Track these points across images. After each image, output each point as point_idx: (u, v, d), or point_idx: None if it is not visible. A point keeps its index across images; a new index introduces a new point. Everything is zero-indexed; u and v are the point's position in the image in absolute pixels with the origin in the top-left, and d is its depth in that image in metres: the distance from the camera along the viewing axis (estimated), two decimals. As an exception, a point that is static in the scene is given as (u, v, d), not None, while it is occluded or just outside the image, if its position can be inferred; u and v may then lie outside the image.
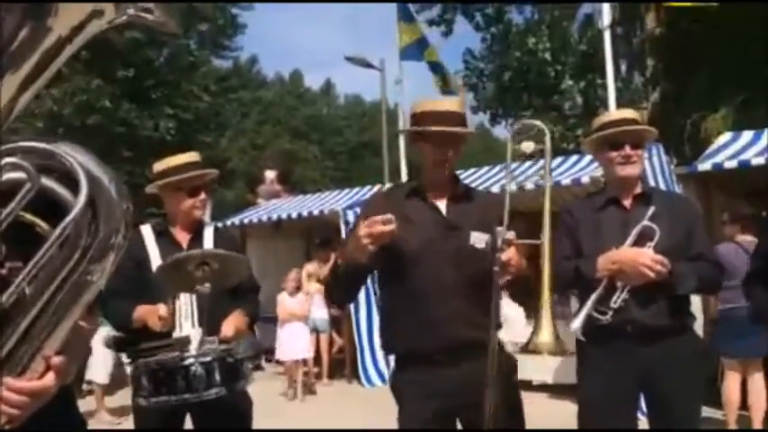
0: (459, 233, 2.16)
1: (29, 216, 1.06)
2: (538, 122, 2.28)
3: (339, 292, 2.34)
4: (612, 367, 2.31)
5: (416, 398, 2.13)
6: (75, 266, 1.05)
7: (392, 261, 2.14)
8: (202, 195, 2.76)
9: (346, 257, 2.10)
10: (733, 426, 4.69)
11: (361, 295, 7.00)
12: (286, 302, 7.48)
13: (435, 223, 2.19)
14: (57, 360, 1.13)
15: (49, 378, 1.13)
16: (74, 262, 1.05)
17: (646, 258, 2.23)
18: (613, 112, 2.68)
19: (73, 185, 1.03)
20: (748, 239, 4.77)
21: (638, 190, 2.48)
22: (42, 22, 0.94)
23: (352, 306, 7.20)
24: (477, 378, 2.00)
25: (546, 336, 1.99)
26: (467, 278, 2.11)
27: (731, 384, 4.71)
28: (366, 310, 7.48)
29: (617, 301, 2.28)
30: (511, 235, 2.01)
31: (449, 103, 2.28)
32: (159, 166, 2.81)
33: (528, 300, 6.76)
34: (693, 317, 2.49)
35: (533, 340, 2.00)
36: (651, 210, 2.35)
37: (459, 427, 2.21)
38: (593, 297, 2.29)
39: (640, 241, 2.32)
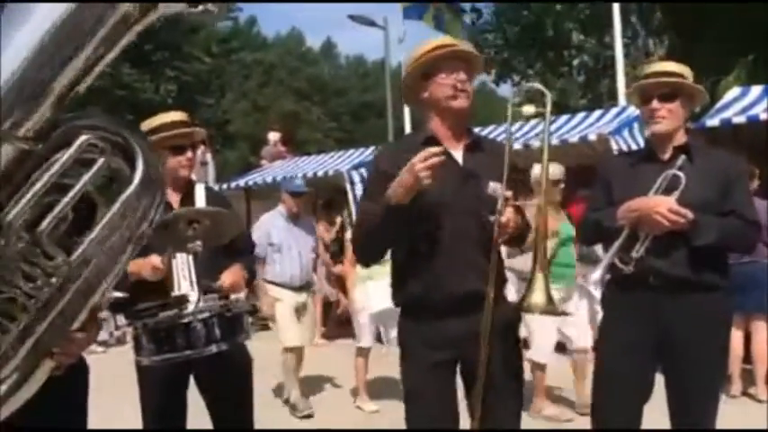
0: (476, 182, 2.14)
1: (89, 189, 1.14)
2: (539, 86, 2.24)
3: (380, 241, 2.17)
4: (634, 318, 2.27)
5: (421, 346, 2.16)
6: (132, 232, 1.16)
7: (410, 210, 2.10)
8: (188, 154, 2.70)
9: (388, 203, 2.02)
10: (737, 379, 4.76)
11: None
12: None
13: (452, 172, 2.16)
14: (100, 315, 1.32)
15: (94, 331, 1.32)
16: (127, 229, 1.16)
17: (662, 207, 2.16)
18: (654, 64, 2.56)
19: (129, 162, 1.14)
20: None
21: (679, 142, 2.36)
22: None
23: None
24: (477, 329, 2.04)
25: (538, 296, 1.97)
26: (483, 228, 2.09)
27: (734, 338, 4.75)
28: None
29: (639, 250, 2.22)
30: (508, 194, 2.02)
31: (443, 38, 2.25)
32: (146, 125, 2.70)
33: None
34: (726, 276, 2.34)
35: (526, 300, 1.99)
36: (681, 159, 2.27)
37: (458, 375, 2.22)
38: (615, 246, 2.23)
39: (667, 190, 2.24)
